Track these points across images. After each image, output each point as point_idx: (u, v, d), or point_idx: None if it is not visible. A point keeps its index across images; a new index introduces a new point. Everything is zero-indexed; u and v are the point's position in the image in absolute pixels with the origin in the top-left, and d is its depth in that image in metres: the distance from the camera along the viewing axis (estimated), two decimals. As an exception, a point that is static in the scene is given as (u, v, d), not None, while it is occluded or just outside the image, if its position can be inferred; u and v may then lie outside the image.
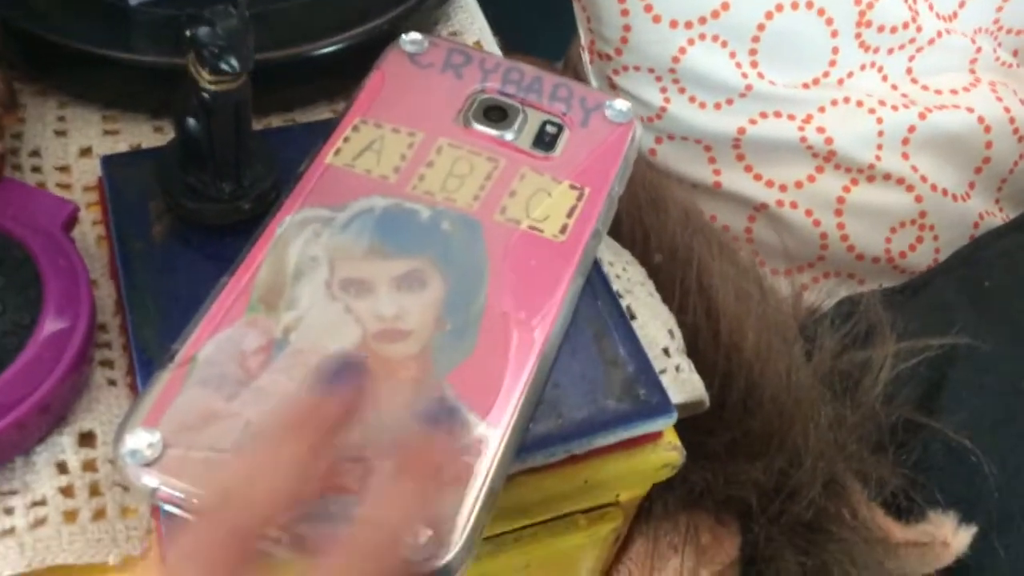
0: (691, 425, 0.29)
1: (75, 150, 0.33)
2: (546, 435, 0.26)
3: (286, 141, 0.32)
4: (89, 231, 0.31)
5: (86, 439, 0.27)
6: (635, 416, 0.27)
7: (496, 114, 0.31)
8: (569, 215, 0.29)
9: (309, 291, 0.26)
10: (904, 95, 0.51)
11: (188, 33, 0.24)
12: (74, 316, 0.27)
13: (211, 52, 0.25)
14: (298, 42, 0.33)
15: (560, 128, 0.31)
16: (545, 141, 0.31)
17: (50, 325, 0.27)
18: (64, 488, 0.26)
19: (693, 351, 0.30)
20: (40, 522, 0.25)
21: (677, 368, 0.29)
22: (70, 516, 0.25)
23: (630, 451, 0.27)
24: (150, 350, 0.27)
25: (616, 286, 0.31)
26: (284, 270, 0.27)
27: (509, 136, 0.31)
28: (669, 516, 0.32)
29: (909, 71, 0.52)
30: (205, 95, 0.26)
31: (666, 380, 0.28)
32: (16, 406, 0.25)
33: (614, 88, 0.52)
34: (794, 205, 0.49)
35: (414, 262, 0.27)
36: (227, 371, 0.24)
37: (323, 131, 0.30)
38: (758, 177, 0.50)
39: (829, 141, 0.49)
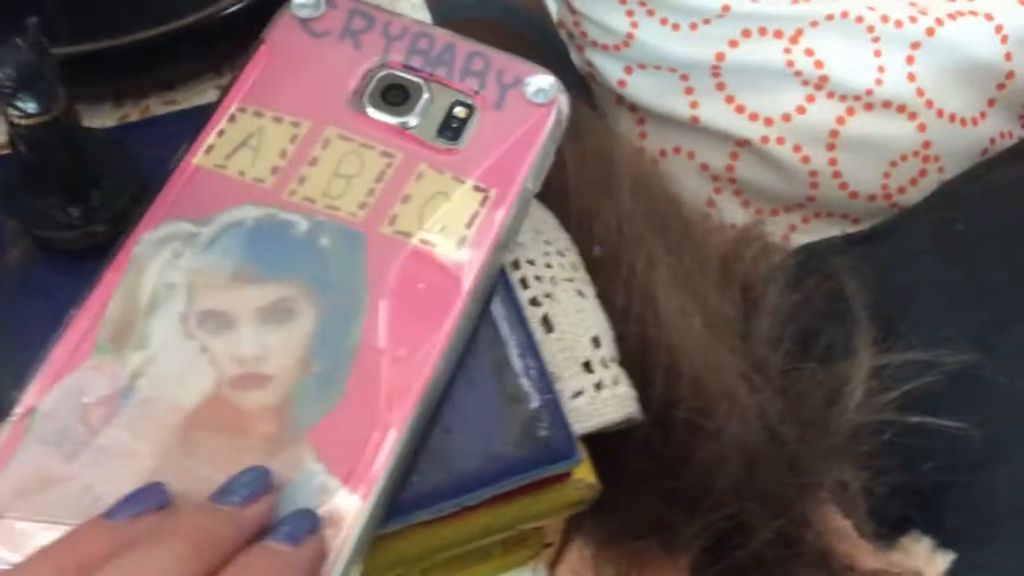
0: (626, 444, 0.27)
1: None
2: (432, 490, 0.24)
3: (154, 137, 0.29)
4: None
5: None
6: (534, 462, 0.25)
7: (396, 95, 0.28)
8: (469, 224, 0.26)
9: (163, 327, 0.24)
10: (911, 3, 0.45)
11: None
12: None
13: (3, 93, 0.22)
14: (170, 13, 0.30)
15: (471, 111, 0.28)
16: (452, 128, 0.28)
17: None
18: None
19: (634, 356, 0.28)
20: None
21: (597, 385, 0.27)
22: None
23: (533, 494, 0.25)
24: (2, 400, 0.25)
25: (532, 291, 0.28)
26: (137, 301, 0.25)
27: (410, 123, 0.28)
28: (609, 542, 0.30)
29: (916, -26, 0.46)
30: (21, 130, 0.23)
31: (582, 402, 0.26)
32: None
33: (574, 13, 0.47)
34: (781, 140, 0.45)
35: (284, 288, 0.25)
36: (68, 425, 0.23)
37: (198, 121, 0.27)
38: (740, 109, 0.45)
39: (820, 65, 0.44)
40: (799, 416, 0.32)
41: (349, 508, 0.22)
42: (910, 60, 0.44)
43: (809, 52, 0.44)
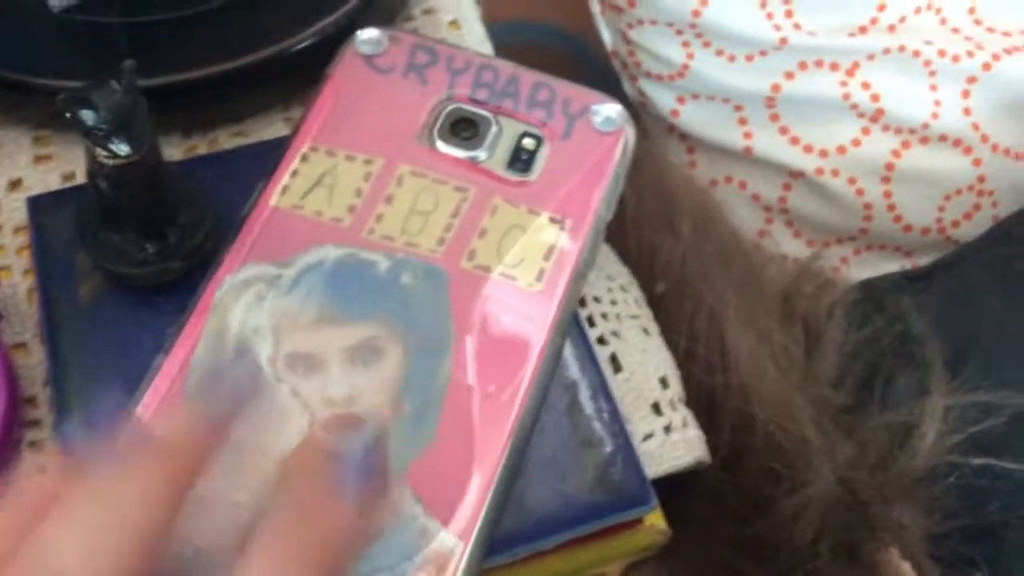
0: (691, 488, 0.27)
1: (3, 183, 0.31)
2: (508, 535, 0.24)
3: (224, 170, 0.29)
4: (20, 282, 0.29)
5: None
6: (609, 508, 0.25)
7: (465, 129, 0.28)
8: (547, 256, 0.26)
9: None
10: (968, 38, 0.45)
11: (68, 115, 0.22)
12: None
13: (96, 136, 0.22)
14: (241, 49, 0.30)
15: (539, 142, 0.28)
16: (522, 160, 0.28)
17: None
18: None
19: (701, 397, 0.28)
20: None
21: (667, 428, 0.27)
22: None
23: (604, 538, 0.26)
24: (76, 441, 0.25)
25: (600, 329, 0.28)
26: (224, 346, 0.25)
27: (480, 156, 0.28)
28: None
29: (972, 10, 0.46)
30: (106, 170, 0.23)
31: (652, 446, 0.26)
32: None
33: (628, 43, 0.47)
34: (835, 173, 0.45)
35: (369, 327, 0.25)
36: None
37: (271, 154, 0.28)
38: (795, 140, 0.46)
39: (876, 98, 0.44)
40: (866, 460, 0.31)
41: (452, 552, 0.22)
42: (966, 95, 0.45)
43: (865, 85, 0.44)
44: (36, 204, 0.30)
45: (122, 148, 0.22)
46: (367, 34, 0.29)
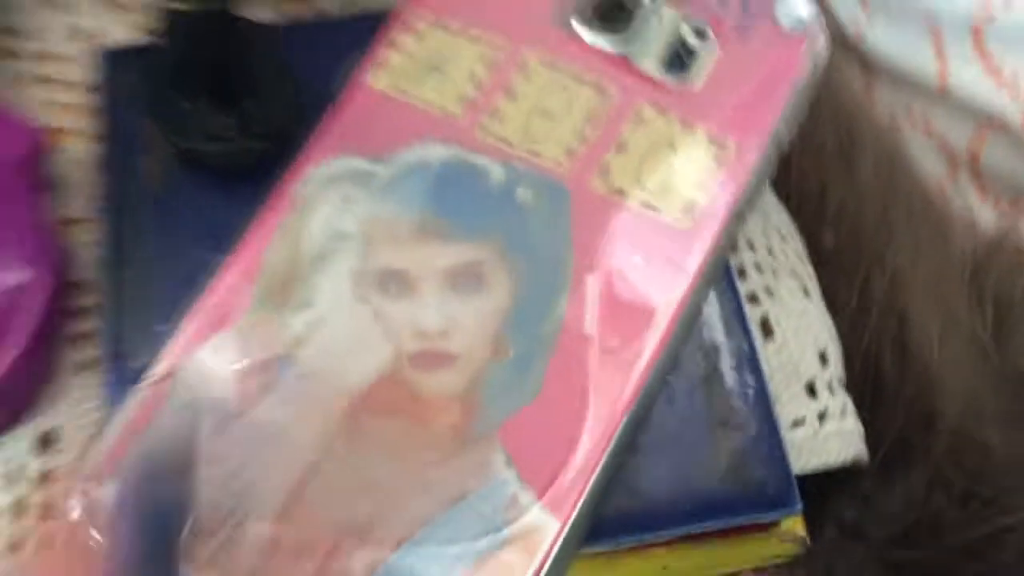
0: (838, 489, 0.22)
1: (63, 28, 0.27)
2: (615, 519, 0.20)
3: (323, 42, 0.25)
4: (80, 146, 0.26)
5: (46, 443, 0.24)
6: (742, 505, 0.21)
7: (615, 14, 0.24)
8: (700, 185, 0.22)
9: (331, 285, 0.21)
10: None
11: None
12: (31, 275, 0.22)
13: None
14: None
15: (706, 38, 0.23)
16: (681, 59, 0.23)
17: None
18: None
19: (868, 378, 0.23)
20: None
21: (821, 416, 0.23)
22: (16, 546, 0.22)
23: (729, 539, 0.22)
24: (126, 349, 0.22)
25: (751, 284, 0.23)
26: (301, 251, 0.21)
27: (631, 50, 0.23)
28: None
29: None
30: (178, 17, 0.20)
31: (801, 436, 0.22)
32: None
33: None
34: (1045, 122, 0.38)
35: (475, 249, 0.21)
36: (216, 394, 0.20)
37: (373, 29, 0.23)
38: (1002, 81, 0.38)
39: None
40: None
41: (546, 531, 0.19)
42: None
43: None
44: (111, 59, 0.26)
45: None
46: None
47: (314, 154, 0.23)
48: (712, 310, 0.23)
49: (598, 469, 0.20)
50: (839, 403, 0.24)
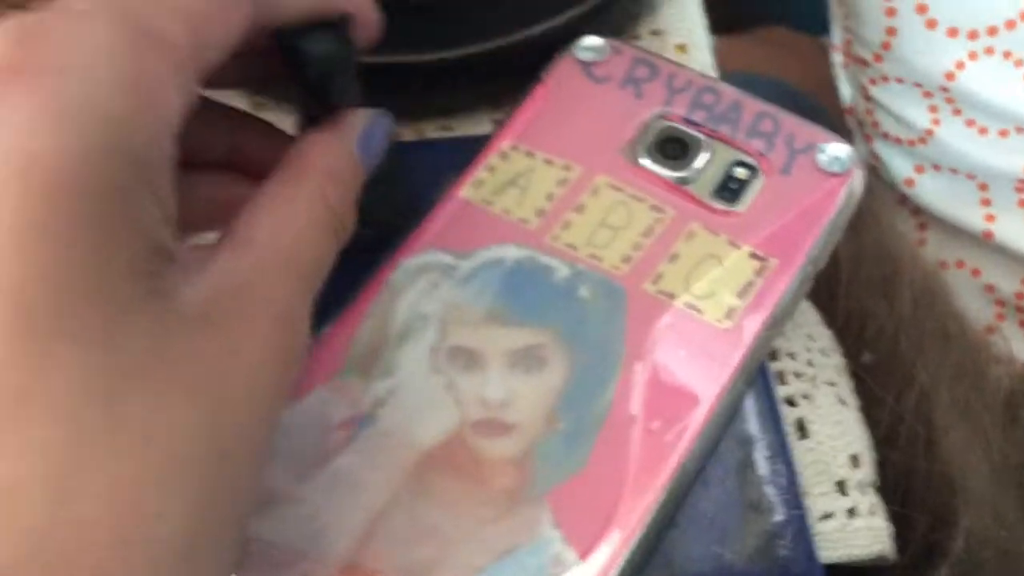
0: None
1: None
2: (654, 587, 0.22)
3: (428, 159, 0.30)
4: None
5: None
6: None
7: (674, 149, 0.27)
8: (741, 294, 0.24)
9: (411, 357, 0.25)
10: None
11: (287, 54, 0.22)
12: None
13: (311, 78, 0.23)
14: (455, 42, 0.31)
15: (754, 173, 0.27)
16: (731, 189, 0.27)
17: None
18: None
19: (897, 487, 0.25)
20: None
21: (850, 512, 0.24)
22: None
23: None
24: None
25: (790, 388, 0.26)
26: (388, 328, 0.25)
27: (687, 179, 0.26)
28: None
29: None
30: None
31: (830, 528, 0.24)
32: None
33: (868, 100, 0.45)
34: (1091, 277, 0.40)
35: (537, 334, 0.24)
36: (305, 444, 0.23)
37: (472, 149, 0.28)
38: None
39: None
40: None
41: (584, 586, 0.21)
42: None
43: None
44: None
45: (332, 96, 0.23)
46: (590, 41, 0.29)
47: (407, 247, 0.27)
48: (750, 406, 0.25)
49: (636, 536, 0.22)
50: (868, 503, 0.25)
